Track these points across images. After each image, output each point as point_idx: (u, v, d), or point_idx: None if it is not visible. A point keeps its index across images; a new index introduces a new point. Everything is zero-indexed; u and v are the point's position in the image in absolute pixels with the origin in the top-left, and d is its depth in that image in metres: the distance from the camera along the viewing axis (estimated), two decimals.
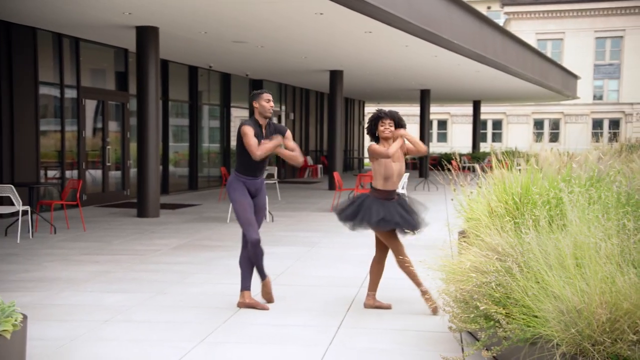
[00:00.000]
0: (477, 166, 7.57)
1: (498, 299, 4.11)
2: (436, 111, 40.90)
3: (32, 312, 5.39)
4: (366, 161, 31.25)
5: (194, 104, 17.77)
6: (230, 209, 11.20)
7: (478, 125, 31.17)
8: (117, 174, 14.72)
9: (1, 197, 10.64)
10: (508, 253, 4.43)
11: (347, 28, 11.92)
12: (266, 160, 5.70)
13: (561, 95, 27.66)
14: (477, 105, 30.93)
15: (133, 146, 14.48)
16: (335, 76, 18.43)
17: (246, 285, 5.71)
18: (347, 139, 29.13)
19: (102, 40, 13.48)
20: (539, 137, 43.66)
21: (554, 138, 43.94)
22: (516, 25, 43.34)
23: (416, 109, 26.61)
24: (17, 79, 11.63)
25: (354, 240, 9.00)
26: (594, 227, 4.06)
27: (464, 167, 24.49)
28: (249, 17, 10.85)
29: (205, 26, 11.70)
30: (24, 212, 9.64)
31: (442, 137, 46.29)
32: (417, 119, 25.91)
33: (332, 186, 17.81)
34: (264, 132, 5.63)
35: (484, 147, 36.42)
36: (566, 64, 38.74)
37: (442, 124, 46.41)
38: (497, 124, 45.46)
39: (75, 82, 13.16)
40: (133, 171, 14.70)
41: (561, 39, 43.64)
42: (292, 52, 15.12)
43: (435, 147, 41.22)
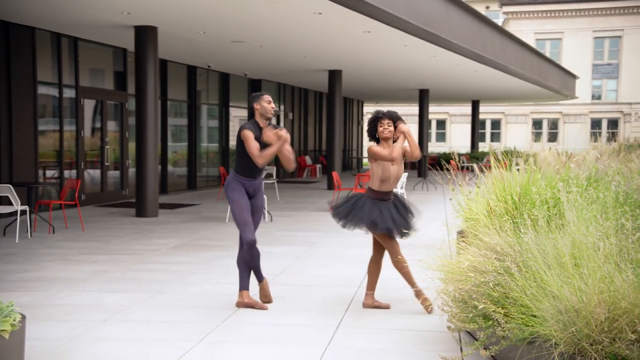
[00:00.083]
0: (476, 166, 7.57)
1: (496, 298, 4.12)
2: (435, 111, 40.92)
3: (31, 312, 5.39)
4: (365, 161, 31.25)
5: (193, 103, 17.77)
6: (229, 208, 11.19)
7: (477, 125, 31.18)
8: (116, 173, 14.72)
9: (0, 197, 10.64)
10: (507, 253, 4.44)
11: (346, 28, 11.92)
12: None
13: (560, 95, 27.67)
14: (475, 105, 30.94)
15: (132, 146, 14.48)
16: (334, 76, 18.43)
17: (244, 285, 5.71)
18: (345, 139, 29.13)
19: (101, 40, 13.48)
20: (537, 136, 43.71)
21: (553, 138, 43.99)
22: (515, 25, 43.37)
23: (415, 108, 26.61)
24: (16, 79, 11.63)
25: (352, 240, 9.00)
26: (592, 227, 4.06)
27: (462, 167, 24.51)
28: (247, 16, 10.85)
29: (204, 26, 11.69)
30: (23, 212, 9.63)
31: (441, 137, 46.33)
32: (416, 119, 25.90)
33: (331, 186, 17.82)
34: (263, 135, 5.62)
35: (482, 146, 36.43)
36: (565, 63, 38.77)
37: (441, 124, 46.45)
38: (495, 124, 45.50)
39: (74, 82, 13.15)
40: (132, 171, 14.69)
41: (560, 38, 43.68)
42: (291, 52, 15.13)
43: (434, 147, 41.25)
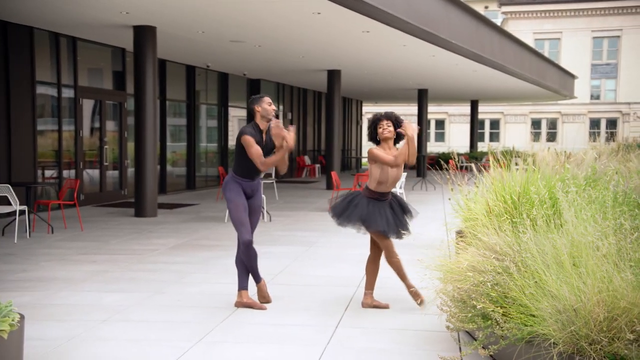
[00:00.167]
0: (473, 165, 7.57)
1: (495, 298, 4.12)
2: (434, 111, 40.92)
3: (30, 312, 5.39)
4: (364, 160, 31.25)
5: (192, 103, 17.76)
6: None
7: (476, 124, 31.18)
8: (115, 173, 14.71)
9: None
10: (505, 252, 4.44)
11: (345, 28, 11.92)
12: None
13: (558, 94, 27.69)
14: (474, 105, 30.94)
15: (130, 146, 14.46)
16: (333, 76, 18.43)
17: (243, 285, 5.71)
18: (344, 139, 29.13)
19: (100, 40, 13.47)
20: (536, 136, 43.72)
21: (552, 138, 44.01)
22: (514, 24, 43.39)
23: (414, 108, 26.58)
24: (14, 79, 11.62)
25: (351, 239, 9.00)
26: (591, 227, 4.07)
27: (461, 167, 24.51)
28: (246, 16, 10.85)
29: (203, 26, 11.69)
30: (22, 212, 9.62)
31: (440, 137, 46.34)
32: (415, 119, 25.91)
33: (330, 186, 17.82)
34: (264, 138, 5.58)
35: (481, 146, 36.45)
36: (563, 63, 38.80)
37: (440, 124, 46.47)
38: (494, 124, 45.52)
39: (73, 82, 13.14)
40: (130, 171, 14.68)
41: (558, 38, 43.70)
42: (289, 52, 15.12)
43: (433, 147, 41.26)
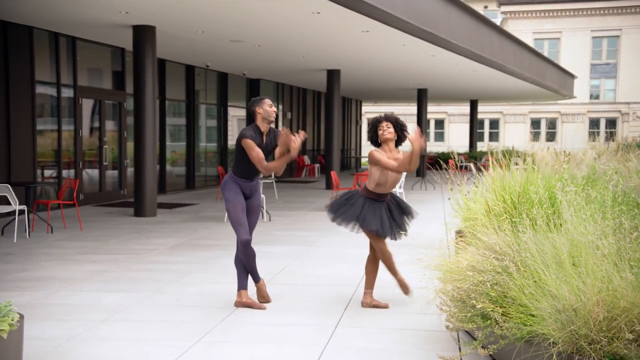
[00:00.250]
0: (472, 165, 7.56)
1: (495, 297, 4.12)
2: (433, 110, 40.93)
3: (29, 312, 5.39)
4: (364, 160, 31.26)
5: (191, 103, 17.76)
6: None
7: (475, 124, 31.18)
8: (114, 173, 14.71)
9: None
10: (505, 252, 4.44)
11: (345, 27, 11.92)
12: None
13: (558, 94, 27.69)
14: (474, 105, 30.95)
15: (130, 145, 14.45)
16: (333, 75, 18.42)
17: (243, 285, 5.70)
18: (344, 139, 29.13)
19: (99, 40, 13.46)
20: (536, 136, 43.74)
21: (551, 137, 44.03)
22: (513, 24, 43.40)
23: (413, 108, 26.59)
24: (14, 79, 11.61)
25: (351, 239, 9.00)
26: (590, 226, 4.07)
27: (461, 167, 24.51)
28: (246, 16, 10.85)
29: (202, 25, 11.69)
30: (21, 212, 9.62)
31: (440, 137, 46.36)
32: (415, 118, 25.90)
33: (330, 185, 17.82)
34: (264, 140, 5.55)
35: (481, 146, 36.47)
36: (563, 63, 38.82)
37: (440, 123, 46.47)
38: (494, 123, 45.53)
39: (72, 81, 13.14)
40: (130, 170, 14.67)
41: (558, 38, 43.71)
42: (289, 52, 15.12)
43: (433, 147, 41.26)
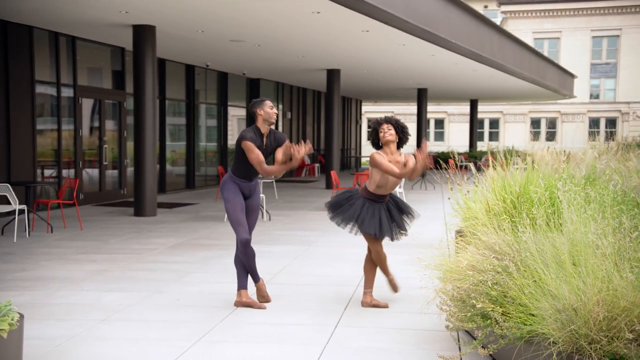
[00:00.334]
0: (471, 165, 7.56)
1: (495, 297, 4.12)
2: (433, 110, 40.94)
3: (29, 311, 5.39)
4: (363, 160, 31.26)
5: (191, 102, 17.76)
6: None
7: (475, 124, 31.18)
8: (114, 172, 14.71)
9: None
10: (505, 252, 4.44)
11: (345, 27, 11.91)
12: None
13: (558, 94, 27.69)
14: (474, 104, 30.95)
15: (130, 145, 14.45)
16: (333, 75, 18.42)
17: (243, 284, 5.70)
18: (344, 138, 29.13)
19: (99, 39, 13.46)
20: (535, 136, 43.73)
21: (551, 137, 44.03)
22: (513, 24, 43.39)
23: (413, 107, 26.60)
24: (14, 78, 11.61)
25: (351, 239, 8.98)
26: (590, 226, 4.06)
27: (461, 166, 24.51)
28: (246, 16, 10.84)
29: (202, 25, 11.68)
30: (21, 211, 9.62)
31: (439, 136, 46.35)
32: (414, 118, 25.91)
33: (330, 185, 17.82)
34: (264, 141, 5.54)
35: (481, 146, 36.46)
36: (563, 63, 38.81)
37: (439, 123, 46.47)
38: (494, 123, 45.52)
39: (72, 81, 13.14)
40: (130, 170, 14.68)
41: (558, 38, 43.70)
42: (289, 51, 15.12)
43: (433, 146, 41.25)
